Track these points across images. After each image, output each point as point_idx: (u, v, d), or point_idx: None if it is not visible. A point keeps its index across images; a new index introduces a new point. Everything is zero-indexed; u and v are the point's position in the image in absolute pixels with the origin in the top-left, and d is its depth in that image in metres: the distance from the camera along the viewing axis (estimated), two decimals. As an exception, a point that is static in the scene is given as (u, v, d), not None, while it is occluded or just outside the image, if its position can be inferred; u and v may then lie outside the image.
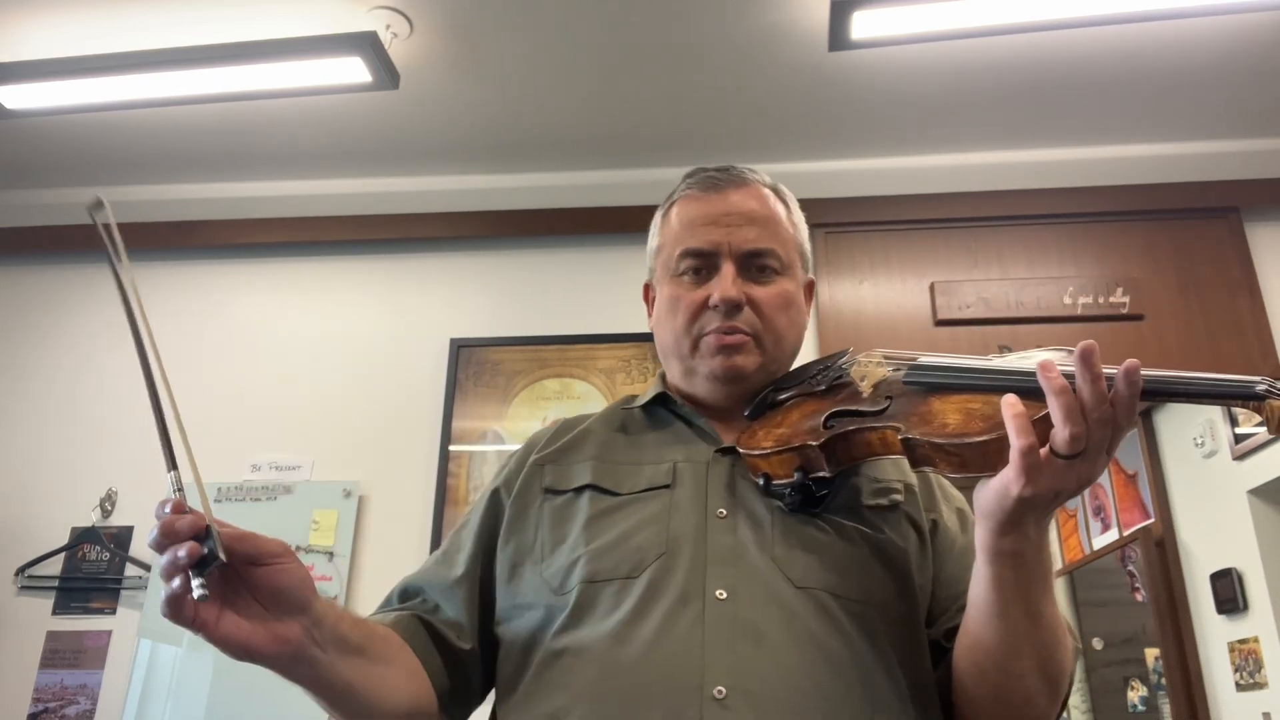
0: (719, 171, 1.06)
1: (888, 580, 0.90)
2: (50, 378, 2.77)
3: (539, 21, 2.27)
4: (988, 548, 0.77)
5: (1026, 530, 0.76)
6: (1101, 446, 0.71)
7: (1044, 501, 0.73)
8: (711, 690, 0.78)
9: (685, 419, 1.04)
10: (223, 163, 2.84)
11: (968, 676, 0.85)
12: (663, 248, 1.08)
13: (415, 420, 2.60)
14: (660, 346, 1.08)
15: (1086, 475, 0.72)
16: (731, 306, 0.98)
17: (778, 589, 0.86)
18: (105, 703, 2.38)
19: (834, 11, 2.09)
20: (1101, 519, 2.76)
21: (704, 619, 0.83)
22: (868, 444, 0.86)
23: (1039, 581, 0.78)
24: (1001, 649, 0.80)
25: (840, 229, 2.69)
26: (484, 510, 1.03)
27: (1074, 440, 0.70)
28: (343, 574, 2.42)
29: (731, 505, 0.92)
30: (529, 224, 2.81)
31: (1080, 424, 0.69)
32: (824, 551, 0.89)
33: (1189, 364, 2.63)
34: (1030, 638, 0.79)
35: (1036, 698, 0.82)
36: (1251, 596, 2.33)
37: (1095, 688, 2.65)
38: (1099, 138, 2.68)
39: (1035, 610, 0.79)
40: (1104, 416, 0.70)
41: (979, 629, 0.81)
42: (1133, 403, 0.71)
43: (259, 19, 2.22)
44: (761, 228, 1.02)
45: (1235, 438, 2.46)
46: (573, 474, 1.00)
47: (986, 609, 0.80)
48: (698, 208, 1.05)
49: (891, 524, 0.94)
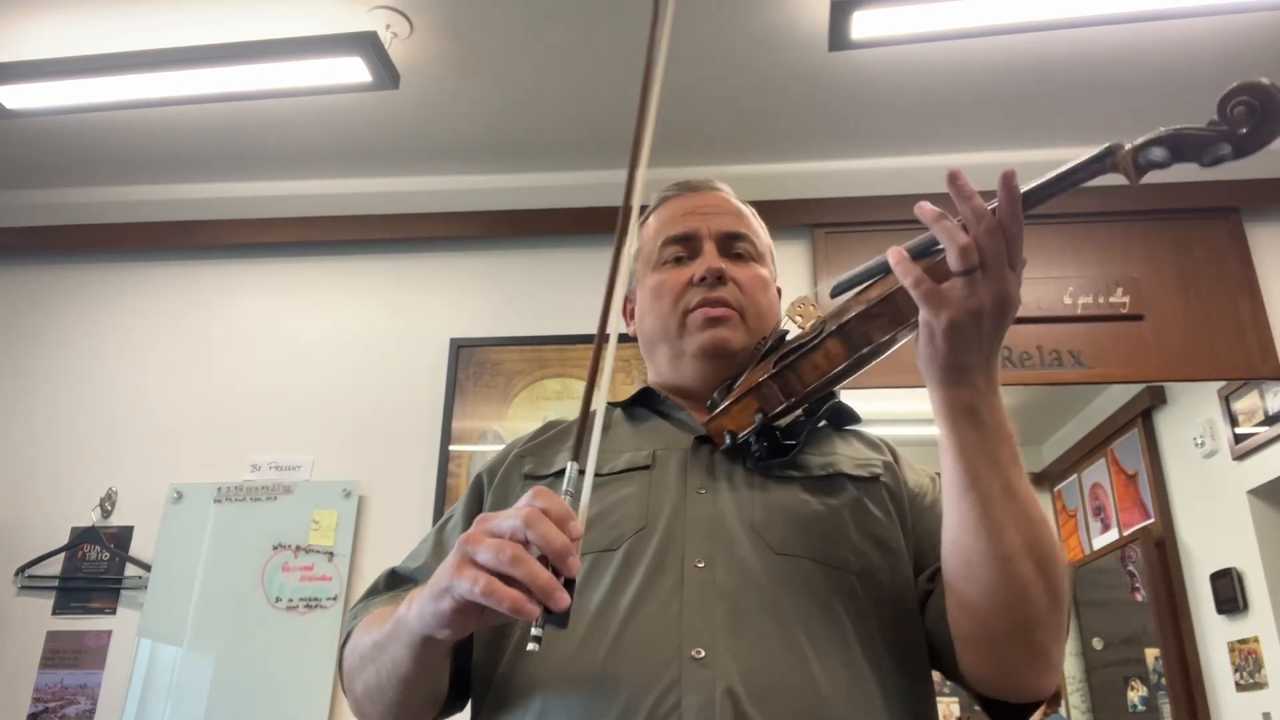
0: (691, 179, 1.16)
1: (868, 548, 0.91)
2: (50, 378, 2.77)
3: (539, 21, 2.27)
4: (943, 406, 0.79)
5: (974, 379, 0.78)
6: (1000, 258, 0.75)
7: (968, 328, 0.76)
8: (690, 652, 0.79)
9: (665, 413, 1.06)
10: (223, 163, 2.84)
11: (960, 578, 0.82)
12: (643, 249, 1.14)
13: (415, 420, 2.60)
14: (646, 338, 1.12)
15: (997, 291, 0.75)
16: (715, 277, 1.03)
17: (757, 556, 0.87)
18: (105, 703, 2.38)
19: (834, 11, 2.10)
20: (1101, 519, 2.76)
21: (682, 587, 0.83)
22: (814, 365, 0.90)
23: (1002, 446, 0.79)
24: (984, 527, 0.78)
25: (840, 229, 2.69)
26: (468, 499, 1.05)
27: (964, 252, 0.74)
28: (343, 574, 2.42)
29: (711, 485, 0.94)
30: (529, 224, 2.80)
31: (964, 236, 0.74)
32: (804, 520, 0.91)
33: (1189, 364, 2.62)
34: (1009, 511, 0.78)
35: (1033, 589, 0.78)
36: (1251, 596, 2.33)
37: (1095, 688, 2.65)
38: (1099, 138, 2.65)
39: (1008, 480, 0.79)
40: (990, 227, 0.74)
41: (958, 512, 0.80)
42: (1014, 207, 0.75)
43: (259, 19, 2.22)
44: (736, 217, 1.12)
45: (1235, 438, 2.46)
46: (552, 461, 1.02)
47: (959, 483, 0.79)
48: (676, 205, 1.14)
49: (872, 495, 0.96)
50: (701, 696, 0.76)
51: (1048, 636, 0.81)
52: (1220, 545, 2.43)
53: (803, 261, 2.68)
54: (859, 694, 0.82)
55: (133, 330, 2.80)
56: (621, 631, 0.82)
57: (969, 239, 0.74)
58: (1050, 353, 2.50)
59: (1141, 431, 2.62)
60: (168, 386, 2.71)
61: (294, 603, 2.40)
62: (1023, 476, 0.80)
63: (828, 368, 0.89)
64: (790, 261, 2.66)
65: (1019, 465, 0.80)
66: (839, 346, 0.88)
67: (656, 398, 1.08)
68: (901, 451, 1.07)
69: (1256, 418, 2.42)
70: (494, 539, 0.69)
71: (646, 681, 0.77)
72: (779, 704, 0.77)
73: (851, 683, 0.82)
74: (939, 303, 0.76)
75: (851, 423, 1.08)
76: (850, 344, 0.87)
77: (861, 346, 0.86)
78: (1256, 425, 2.41)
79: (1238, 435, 2.45)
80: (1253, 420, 2.42)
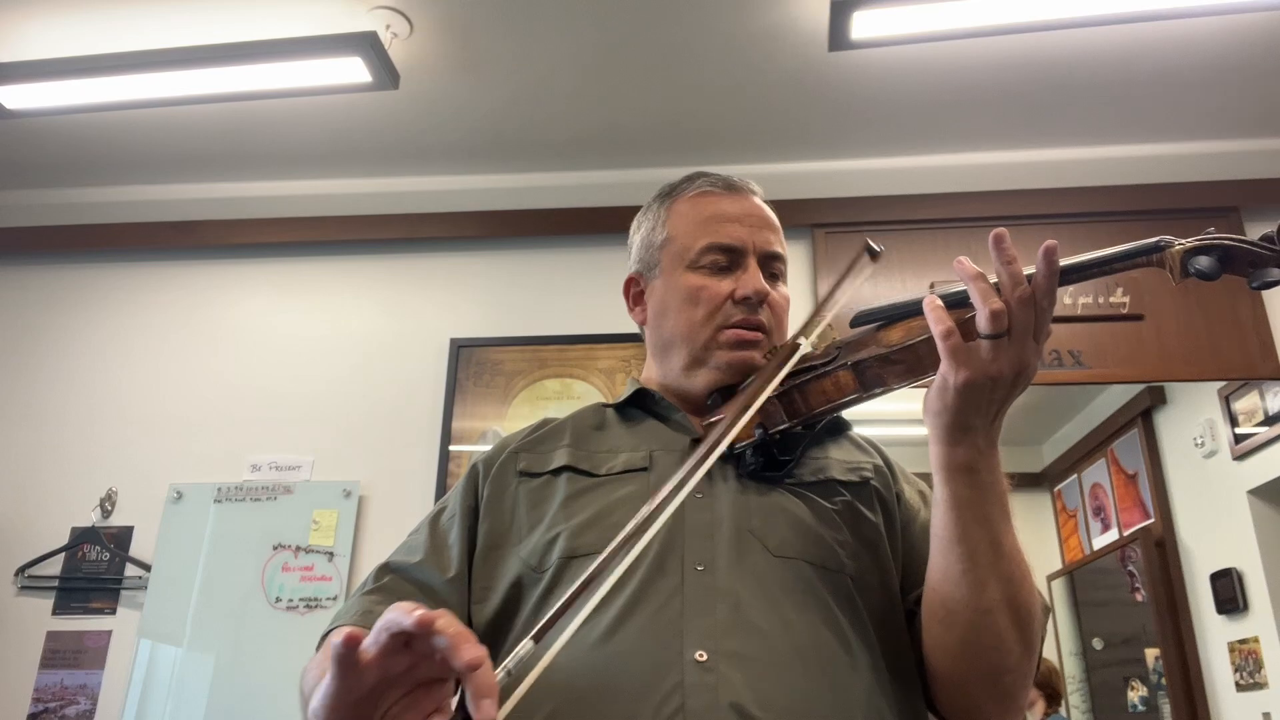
0: (730, 177, 1.11)
1: (862, 551, 0.92)
2: (50, 378, 2.77)
3: (538, 21, 2.27)
4: (942, 463, 0.80)
5: (975, 440, 0.78)
6: (1027, 329, 0.75)
7: (982, 390, 0.76)
8: (692, 655, 0.78)
9: (661, 415, 1.06)
10: (223, 163, 2.84)
11: (938, 621, 0.85)
12: (674, 240, 1.09)
13: (415, 420, 2.60)
14: (661, 338, 1.08)
15: (1017, 359, 0.75)
16: (760, 301, 1.02)
17: (755, 558, 0.87)
18: (105, 703, 2.38)
19: (834, 11, 2.09)
20: (1101, 519, 2.75)
21: (682, 590, 0.84)
22: (822, 390, 0.91)
23: (996, 505, 0.80)
24: (966, 579, 0.80)
25: (840, 229, 2.69)
26: (463, 489, 1.03)
27: (994, 318, 0.73)
28: (343, 574, 2.42)
29: (708, 489, 0.93)
30: (529, 224, 2.80)
31: (997, 301, 0.74)
32: (800, 523, 0.91)
33: (1189, 364, 2.61)
34: (994, 568, 0.80)
35: (1007, 640, 0.81)
36: (1251, 596, 2.33)
37: (1095, 688, 2.65)
38: (1098, 138, 2.68)
39: (996, 537, 0.80)
40: (1023, 296, 0.74)
41: (944, 560, 0.82)
42: (1051, 281, 0.74)
43: (259, 19, 2.22)
44: (775, 234, 1.10)
45: (1235, 438, 2.46)
46: (549, 459, 1.01)
47: (948, 535, 0.80)
48: (719, 205, 1.08)
49: (863, 499, 0.97)
50: (705, 701, 0.76)
51: (1016, 682, 0.84)
52: (1220, 545, 2.43)
53: (803, 261, 2.68)
54: (862, 695, 0.82)
55: (132, 330, 2.80)
56: (623, 634, 0.81)
57: (1001, 304, 0.74)
58: (1050, 353, 2.50)
59: (1141, 431, 2.62)
60: (168, 386, 2.71)
61: (294, 603, 2.40)
62: (1010, 533, 0.81)
63: (836, 396, 0.90)
64: (790, 261, 2.63)
65: (1009, 522, 0.82)
66: (851, 380, 0.88)
67: (652, 398, 1.07)
68: (894, 455, 1.07)
69: (1256, 418, 2.42)
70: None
71: (649, 684, 0.77)
72: (783, 706, 0.77)
73: (854, 684, 0.82)
74: (962, 360, 0.75)
75: (842, 429, 1.09)
76: (862, 381, 0.87)
77: (874, 386, 0.87)
78: (1256, 425, 2.41)
79: (1238, 435, 2.45)
80: (1253, 420, 2.42)
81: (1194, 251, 0.77)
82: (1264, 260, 0.75)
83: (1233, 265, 0.76)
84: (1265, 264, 0.75)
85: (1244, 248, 0.76)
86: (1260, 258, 0.75)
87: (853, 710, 0.80)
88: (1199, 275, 0.76)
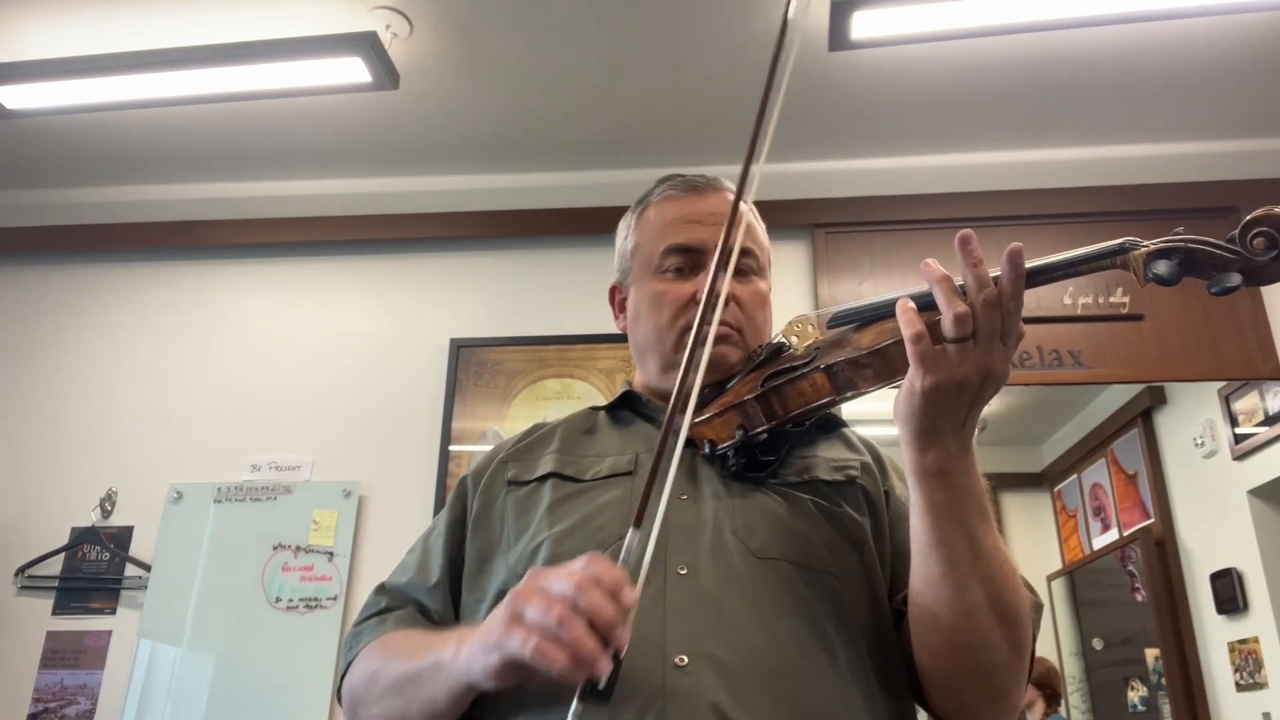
0: (696, 177, 1.11)
1: (847, 551, 0.92)
2: (50, 378, 2.77)
3: (538, 21, 2.27)
4: (914, 468, 0.79)
5: (946, 443, 0.78)
6: (993, 332, 0.74)
7: (948, 394, 0.75)
8: (673, 659, 0.78)
9: (649, 416, 1.06)
10: (223, 163, 2.84)
11: (924, 625, 0.84)
12: (641, 246, 1.10)
13: (415, 420, 2.60)
14: (637, 344, 1.10)
15: (984, 363, 0.74)
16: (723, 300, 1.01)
17: (738, 561, 0.87)
18: (105, 703, 2.38)
19: (834, 11, 2.10)
20: (1101, 519, 2.75)
21: (665, 593, 0.83)
22: (800, 392, 0.90)
23: (972, 507, 0.79)
24: (948, 582, 0.80)
25: (840, 229, 2.69)
26: (451, 507, 1.05)
27: (959, 321, 0.73)
28: (343, 574, 2.42)
29: (693, 490, 0.94)
30: (529, 224, 2.80)
31: (961, 304, 0.73)
32: (784, 524, 0.91)
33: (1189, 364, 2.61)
34: (975, 569, 0.79)
35: (993, 639, 0.81)
36: (1251, 597, 2.33)
37: (1095, 688, 2.64)
38: (1099, 138, 2.68)
39: (974, 539, 0.79)
40: (989, 299, 0.73)
41: (924, 564, 0.82)
42: (1017, 284, 0.74)
43: (259, 19, 2.22)
44: (743, 230, 1.06)
45: (1235, 438, 2.46)
46: (535, 466, 1.02)
47: (926, 538, 0.80)
48: (680, 207, 1.08)
49: (850, 499, 0.96)
50: (686, 705, 0.75)
51: (1008, 681, 0.83)
52: (1220, 545, 2.43)
53: (803, 261, 2.68)
54: (845, 695, 0.82)
55: (132, 330, 2.80)
56: None
57: (965, 308, 0.73)
58: (1050, 353, 2.50)
59: (1141, 431, 2.62)
60: (167, 386, 2.71)
61: (294, 603, 2.40)
62: (991, 533, 0.81)
63: (813, 397, 0.90)
64: (790, 261, 2.66)
65: (988, 522, 0.81)
66: (825, 382, 0.88)
67: (639, 400, 1.08)
68: (887, 454, 1.06)
69: (1256, 418, 2.42)
70: (543, 599, 0.69)
71: (630, 689, 0.76)
72: (764, 709, 0.77)
73: (837, 685, 0.82)
74: (929, 365, 0.75)
75: (835, 427, 1.08)
76: (835, 384, 0.88)
77: (845, 389, 0.87)
78: (1256, 425, 2.41)
79: (1238, 435, 2.45)
80: (1253, 420, 2.42)
81: (1155, 255, 0.77)
82: (1227, 263, 0.75)
83: (1195, 269, 0.76)
84: (1228, 267, 0.75)
85: (1207, 250, 0.76)
86: (1223, 260, 0.75)
87: (835, 711, 0.80)
88: (1157, 281, 0.76)
